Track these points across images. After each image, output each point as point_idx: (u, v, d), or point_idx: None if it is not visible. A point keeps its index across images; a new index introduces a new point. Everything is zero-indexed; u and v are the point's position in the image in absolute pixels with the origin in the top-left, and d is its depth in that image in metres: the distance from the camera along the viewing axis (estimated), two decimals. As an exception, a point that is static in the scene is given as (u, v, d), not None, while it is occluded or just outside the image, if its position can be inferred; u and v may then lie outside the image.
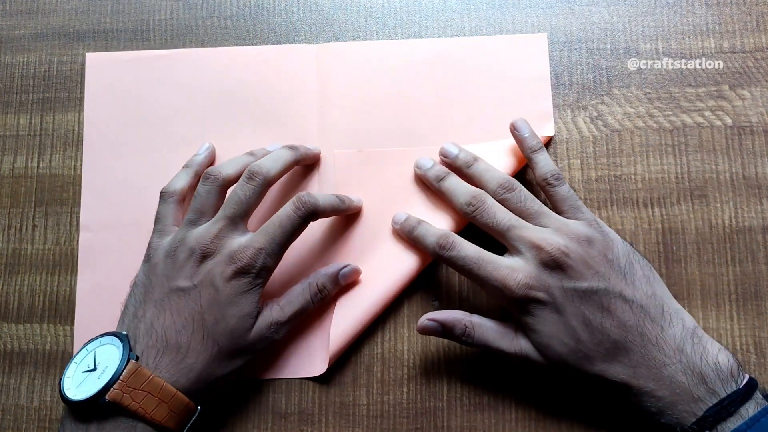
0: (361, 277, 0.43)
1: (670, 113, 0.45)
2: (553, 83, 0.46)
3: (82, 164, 0.46)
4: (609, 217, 0.44)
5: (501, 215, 0.39)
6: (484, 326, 0.39)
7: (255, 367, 0.42)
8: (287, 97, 0.46)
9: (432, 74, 0.46)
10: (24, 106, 0.48)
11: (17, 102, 0.48)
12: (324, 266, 0.43)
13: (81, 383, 0.35)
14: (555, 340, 0.36)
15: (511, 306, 0.38)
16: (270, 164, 0.40)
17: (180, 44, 0.48)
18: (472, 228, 0.41)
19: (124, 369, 0.35)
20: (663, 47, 0.46)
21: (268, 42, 0.48)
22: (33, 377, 0.44)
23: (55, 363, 0.44)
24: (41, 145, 0.47)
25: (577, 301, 0.36)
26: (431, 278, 0.44)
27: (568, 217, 0.39)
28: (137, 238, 0.44)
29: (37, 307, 0.45)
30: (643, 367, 0.35)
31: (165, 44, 0.48)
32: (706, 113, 0.45)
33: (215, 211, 0.40)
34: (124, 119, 0.47)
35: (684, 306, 0.42)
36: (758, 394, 0.34)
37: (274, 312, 0.40)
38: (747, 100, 0.45)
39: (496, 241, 0.40)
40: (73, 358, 0.37)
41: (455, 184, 0.41)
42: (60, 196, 0.46)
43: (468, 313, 0.39)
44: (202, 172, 0.42)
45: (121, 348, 0.36)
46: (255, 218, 0.42)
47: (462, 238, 0.39)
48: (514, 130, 0.42)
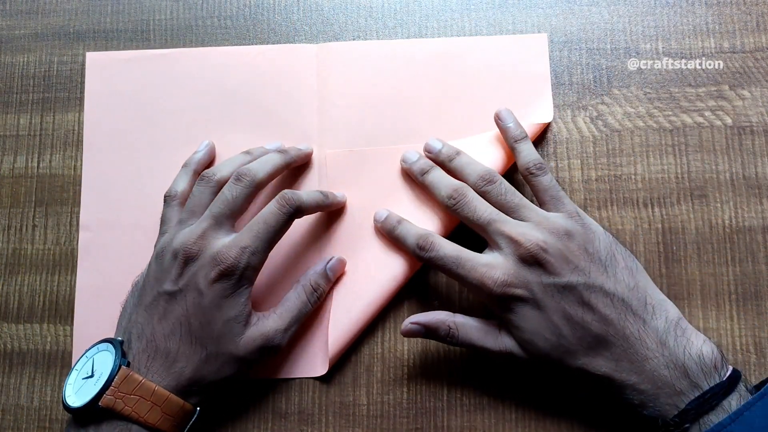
0: (355, 276, 0.43)
1: (670, 113, 0.45)
2: (553, 83, 0.46)
3: (82, 164, 0.46)
4: (609, 217, 0.44)
5: (481, 209, 0.39)
6: (468, 325, 0.39)
7: (256, 368, 0.42)
8: (287, 97, 0.46)
9: (432, 74, 0.46)
10: (24, 106, 0.48)
11: (17, 102, 0.48)
12: (310, 261, 0.43)
13: (80, 390, 0.36)
14: (537, 336, 0.36)
15: (492, 303, 0.38)
16: (258, 166, 0.40)
17: (180, 44, 0.48)
18: (463, 228, 0.41)
19: (115, 375, 0.35)
20: (663, 47, 0.46)
21: (268, 42, 0.48)
22: (33, 377, 0.44)
23: (55, 363, 0.44)
24: (41, 145, 0.47)
25: (557, 297, 0.36)
26: (432, 278, 0.44)
27: (549, 209, 0.39)
28: (137, 238, 0.44)
29: (37, 307, 0.45)
30: (625, 360, 0.35)
31: (165, 44, 0.48)
32: (706, 113, 0.45)
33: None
34: (124, 119, 0.47)
35: (684, 306, 0.42)
36: (741, 386, 0.34)
37: (271, 320, 0.39)
38: (747, 100, 0.45)
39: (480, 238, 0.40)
40: (75, 365, 0.38)
41: (438, 178, 0.41)
42: (60, 196, 0.46)
43: (451, 314, 0.39)
44: (202, 171, 0.42)
45: (114, 354, 0.36)
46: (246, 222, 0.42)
47: (442, 237, 0.39)
48: (498, 120, 0.42)
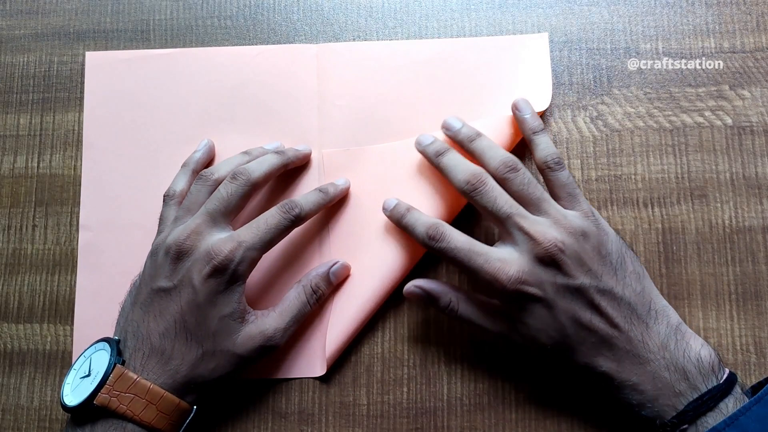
0: (353, 274, 0.43)
1: (670, 113, 0.45)
2: (553, 83, 0.46)
3: (82, 164, 0.46)
4: (609, 217, 0.44)
5: (502, 201, 0.38)
6: (469, 302, 0.39)
7: (255, 367, 0.42)
8: (287, 97, 0.46)
9: (432, 74, 0.46)
10: (24, 106, 0.48)
11: (17, 102, 0.48)
12: (309, 260, 0.43)
13: (77, 389, 0.36)
14: (542, 333, 0.37)
15: (502, 298, 0.38)
16: (255, 166, 0.40)
17: (180, 44, 0.48)
18: (462, 218, 0.41)
19: (110, 374, 0.35)
20: (663, 47, 0.46)
21: (268, 42, 0.48)
22: (33, 377, 0.44)
23: (55, 363, 0.44)
24: (41, 145, 0.47)
25: (568, 298, 0.36)
26: (431, 275, 0.44)
27: (564, 206, 0.39)
28: (137, 238, 0.44)
29: (37, 307, 0.45)
30: (627, 361, 0.36)
31: (165, 44, 0.48)
32: (706, 113, 0.45)
33: None
34: (124, 119, 0.47)
35: (684, 306, 0.43)
36: (737, 389, 0.35)
37: (271, 319, 0.39)
38: (747, 100, 0.45)
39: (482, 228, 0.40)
40: (73, 364, 0.38)
41: (455, 160, 0.40)
42: (60, 196, 0.46)
43: (455, 287, 0.40)
44: (201, 170, 0.42)
45: (109, 353, 0.37)
46: (244, 223, 0.42)
47: (452, 227, 0.39)
48: (516, 110, 0.42)
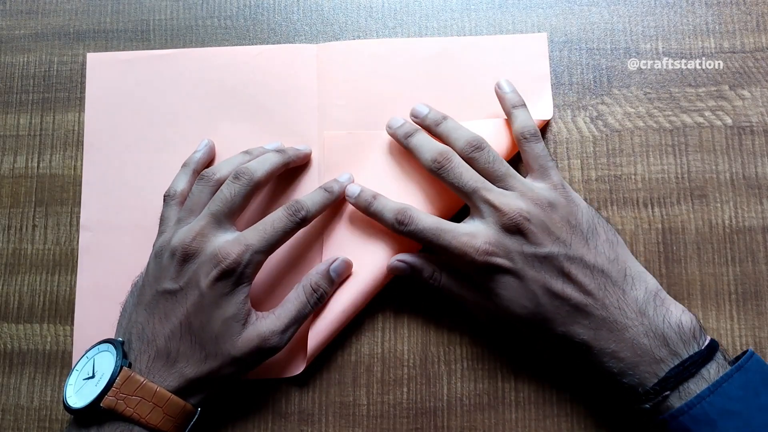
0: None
1: (670, 113, 0.45)
2: (553, 83, 0.46)
3: (82, 164, 0.46)
4: (609, 217, 0.44)
5: (467, 176, 0.39)
6: (451, 274, 0.40)
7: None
8: (287, 97, 0.46)
9: (432, 74, 0.46)
10: (24, 106, 0.48)
11: (17, 102, 0.48)
12: (312, 260, 0.43)
13: (81, 391, 0.36)
14: (515, 303, 0.37)
15: (474, 272, 0.38)
16: (257, 165, 0.40)
17: (180, 44, 0.48)
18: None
19: (117, 376, 0.35)
20: (663, 47, 0.46)
21: (268, 42, 0.48)
22: (33, 377, 0.44)
23: (55, 363, 0.44)
24: (41, 145, 0.47)
25: (537, 266, 0.37)
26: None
27: (535, 178, 0.40)
28: (137, 238, 0.44)
29: (37, 307, 0.45)
30: (604, 329, 0.36)
31: (165, 44, 0.48)
32: (706, 113, 0.45)
33: None
34: (124, 119, 0.47)
35: (684, 306, 0.42)
36: (720, 356, 0.35)
37: (269, 321, 0.39)
38: (747, 100, 0.45)
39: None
40: (75, 365, 0.38)
41: (422, 141, 0.41)
42: (60, 196, 0.46)
43: (438, 259, 0.41)
44: (201, 170, 0.42)
45: (115, 355, 0.36)
46: (248, 222, 0.42)
47: (419, 210, 0.40)
48: (497, 89, 0.43)
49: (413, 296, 0.43)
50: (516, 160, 0.45)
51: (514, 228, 0.37)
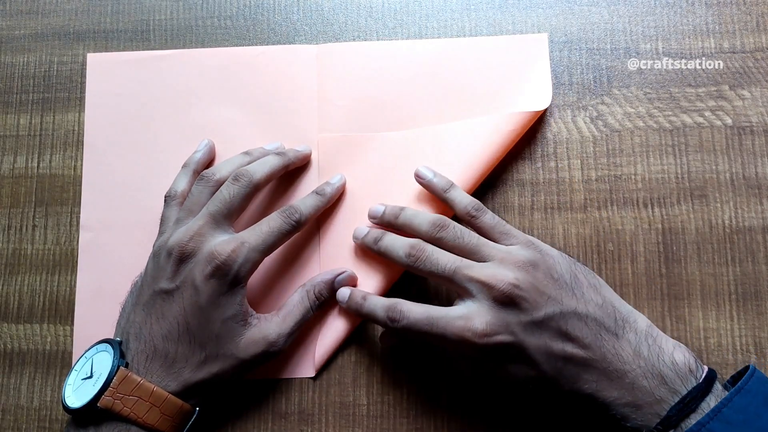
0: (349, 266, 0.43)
1: (670, 113, 0.45)
2: (553, 83, 0.46)
3: (82, 164, 0.46)
4: (609, 217, 0.44)
5: (443, 260, 0.38)
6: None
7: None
8: (287, 97, 0.46)
9: (432, 74, 0.46)
10: (24, 106, 0.48)
11: (17, 102, 0.48)
12: (310, 262, 0.43)
13: (79, 391, 0.36)
14: (520, 372, 0.36)
15: (475, 354, 0.36)
16: (257, 168, 0.41)
17: (180, 44, 0.48)
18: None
19: (114, 376, 0.35)
20: (663, 47, 0.46)
21: (268, 42, 0.48)
22: (33, 377, 0.44)
23: (55, 363, 0.44)
24: (41, 145, 0.47)
25: (537, 332, 0.36)
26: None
27: (503, 243, 0.39)
28: (137, 238, 0.44)
29: (37, 307, 0.45)
30: (605, 379, 0.35)
31: (165, 44, 0.48)
32: (706, 113, 0.45)
33: None
34: (124, 119, 0.47)
35: (684, 306, 0.43)
36: (717, 385, 0.34)
37: (274, 324, 0.39)
38: (747, 100, 0.45)
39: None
40: (74, 365, 0.38)
41: (391, 241, 0.40)
42: (60, 196, 0.46)
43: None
44: (202, 171, 0.42)
45: (112, 355, 0.36)
46: (247, 225, 0.42)
47: (408, 302, 0.38)
48: (419, 179, 0.42)
49: (413, 296, 0.43)
50: (517, 152, 0.45)
51: (507, 300, 0.36)
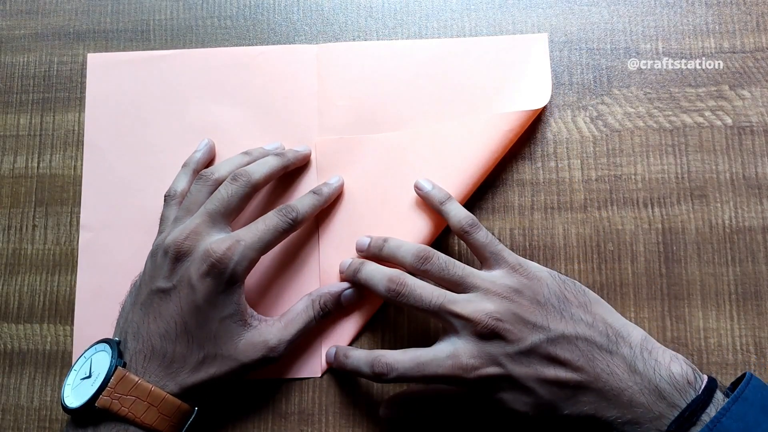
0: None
1: (670, 113, 0.45)
2: (553, 83, 0.46)
3: (82, 164, 0.46)
4: (609, 217, 0.44)
5: (426, 295, 0.37)
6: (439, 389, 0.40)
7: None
8: (287, 97, 0.46)
9: (432, 75, 0.46)
10: (24, 106, 0.48)
11: (17, 102, 0.48)
12: (308, 262, 0.43)
13: (78, 391, 0.36)
14: (517, 402, 0.36)
15: (468, 388, 0.37)
16: (255, 168, 0.41)
17: (180, 44, 0.48)
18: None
19: (111, 376, 0.35)
20: (663, 47, 0.46)
21: (268, 42, 0.48)
22: (33, 377, 0.44)
23: (55, 363, 0.44)
24: (41, 145, 0.47)
25: (525, 361, 0.36)
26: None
27: (491, 264, 0.38)
28: (137, 238, 0.44)
29: (37, 307, 0.45)
30: (603, 399, 0.35)
31: (165, 44, 0.48)
32: (706, 113, 0.45)
33: None
34: (124, 119, 0.47)
35: (684, 306, 0.43)
36: (718, 395, 0.34)
37: (276, 329, 0.39)
38: (747, 100, 0.45)
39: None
40: (74, 365, 0.38)
41: (371, 271, 0.40)
42: (60, 196, 0.46)
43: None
44: (201, 170, 0.42)
45: (110, 355, 0.36)
46: (244, 224, 0.42)
47: (390, 351, 0.38)
48: (418, 190, 0.42)
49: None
50: (517, 152, 0.45)
51: (490, 334, 0.36)
